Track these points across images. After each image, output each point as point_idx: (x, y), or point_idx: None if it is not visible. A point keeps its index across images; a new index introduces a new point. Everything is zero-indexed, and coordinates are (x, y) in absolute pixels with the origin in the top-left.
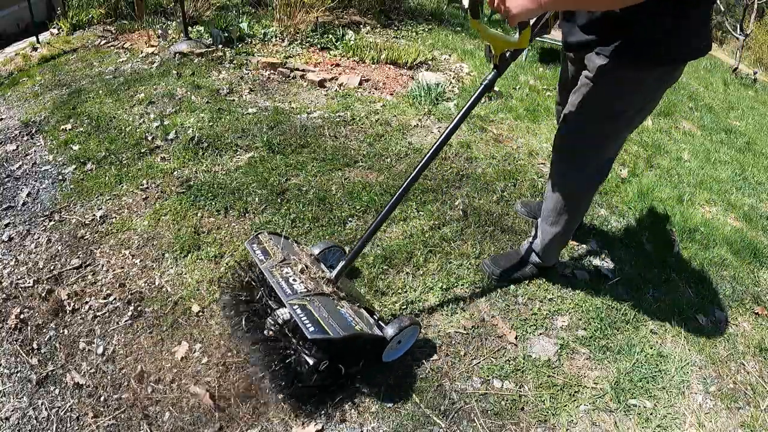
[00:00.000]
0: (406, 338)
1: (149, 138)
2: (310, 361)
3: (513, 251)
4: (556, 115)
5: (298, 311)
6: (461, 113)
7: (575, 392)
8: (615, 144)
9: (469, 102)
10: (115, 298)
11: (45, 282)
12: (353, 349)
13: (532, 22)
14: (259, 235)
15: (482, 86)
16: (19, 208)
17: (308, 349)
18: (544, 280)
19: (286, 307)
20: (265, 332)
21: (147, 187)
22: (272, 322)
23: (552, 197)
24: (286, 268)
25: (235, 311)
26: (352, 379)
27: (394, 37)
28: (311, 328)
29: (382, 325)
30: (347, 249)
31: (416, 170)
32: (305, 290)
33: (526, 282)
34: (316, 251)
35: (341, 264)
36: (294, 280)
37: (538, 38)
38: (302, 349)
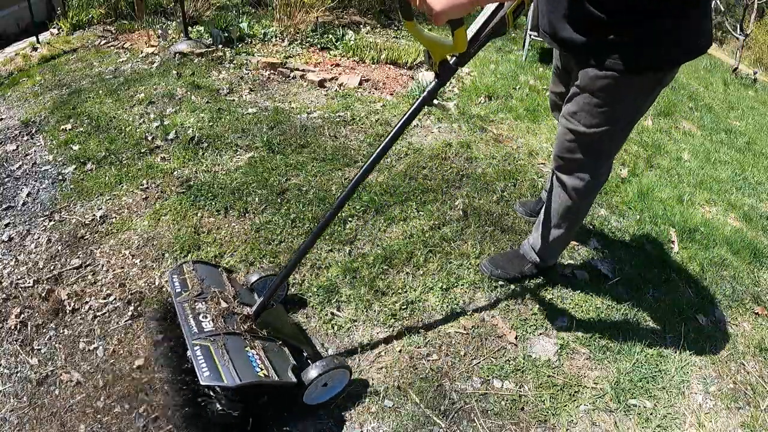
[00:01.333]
0: (335, 381)
1: (149, 138)
2: (218, 407)
3: (512, 251)
4: (550, 104)
5: (198, 353)
6: (396, 128)
7: (575, 392)
8: (614, 146)
9: (406, 116)
10: (115, 298)
11: (45, 282)
12: (262, 392)
13: (477, 26)
14: (183, 265)
15: (421, 98)
16: (19, 208)
17: (217, 395)
18: (544, 280)
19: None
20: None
21: (147, 187)
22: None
23: (554, 199)
24: (200, 303)
25: (160, 340)
26: (267, 422)
27: (394, 37)
28: (206, 373)
29: (309, 364)
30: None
31: (345, 191)
32: (213, 329)
33: (526, 282)
34: (253, 279)
35: (259, 301)
36: (204, 316)
37: (538, 38)
38: (213, 394)
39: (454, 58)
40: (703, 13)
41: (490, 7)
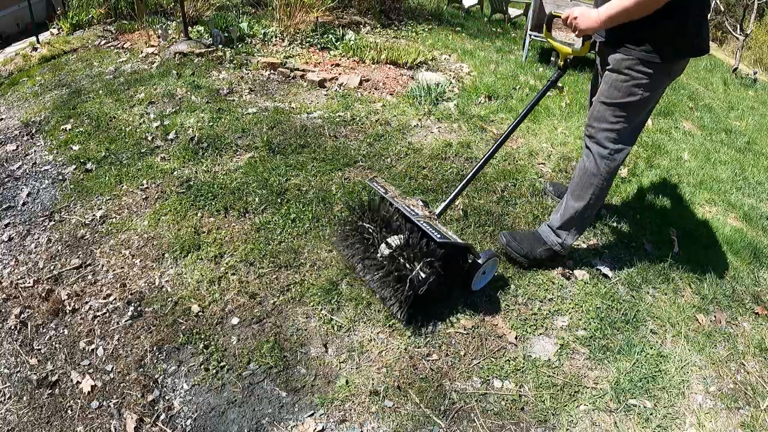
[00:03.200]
0: (489, 269)
1: (149, 138)
2: (423, 275)
3: (530, 231)
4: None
5: (425, 225)
6: (529, 105)
7: (575, 392)
8: (630, 126)
9: (537, 95)
10: (115, 298)
11: (45, 282)
12: (456, 265)
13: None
14: (376, 178)
15: (549, 82)
16: (19, 208)
17: (423, 260)
18: (544, 280)
19: (401, 232)
20: (380, 257)
21: (147, 187)
22: (386, 247)
23: (578, 173)
24: (406, 200)
25: (350, 243)
26: (449, 293)
27: (394, 37)
28: (438, 236)
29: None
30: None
31: (489, 152)
32: (425, 215)
33: (526, 282)
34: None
35: (444, 203)
36: (414, 206)
37: (538, 38)
38: (417, 264)
39: (570, 58)
40: (701, 16)
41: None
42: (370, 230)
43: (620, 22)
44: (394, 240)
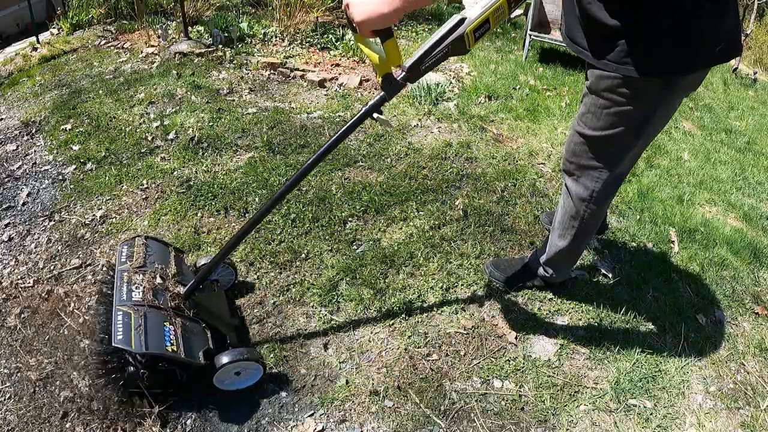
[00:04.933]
0: (248, 373)
1: (149, 138)
2: (130, 369)
3: (518, 259)
4: None
5: (118, 318)
6: (333, 139)
7: (575, 392)
8: (621, 156)
9: (346, 127)
10: None
11: (45, 282)
12: (172, 366)
13: (433, 40)
14: (136, 239)
15: (363, 110)
16: (19, 208)
17: (133, 359)
18: None
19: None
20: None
21: (147, 187)
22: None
23: (559, 210)
24: (139, 275)
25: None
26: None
27: None
28: (119, 336)
29: (227, 349)
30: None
31: (282, 191)
32: (140, 300)
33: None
34: (201, 262)
35: (191, 282)
36: (137, 287)
37: (538, 38)
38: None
39: (403, 73)
40: (706, 16)
41: (446, 25)
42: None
43: (424, 5)
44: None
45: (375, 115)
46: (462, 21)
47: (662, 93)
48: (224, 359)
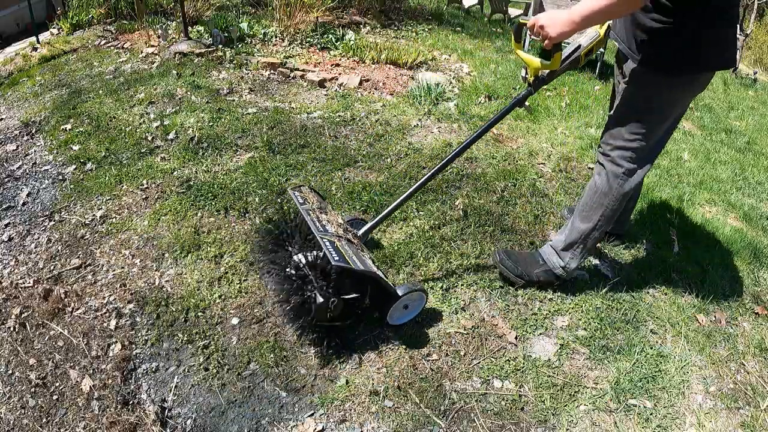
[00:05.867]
0: (414, 304)
1: (149, 138)
2: (320, 299)
3: (528, 252)
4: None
5: (327, 243)
6: (488, 124)
7: (575, 392)
8: (648, 144)
9: (499, 113)
10: (115, 298)
11: (45, 282)
12: (364, 293)
13: (565, 54)
14: (302, 187)
15: (514, 100)
16: (19, 208)
17: (323, 285)
18: None
19: (303, 251)
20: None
21: (147, 187)
22: (293, 265)
23: (587, 192)
24: (322, 214)
25: (264, 258)
26: (358, 322)
27: (394, 37)
28: (335, 257)
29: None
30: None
31: (433, 170)
32: (335, 232)
33: None
34: (347, 218)
35: (369, 224)
36: (328, 222)
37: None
38: (318, 286)
39: (543, 73)
40: (725, 28)
41: (578, 39)
42: (286, 245)
43: (599, 23)
44: (301, 258)
45: (526, 103)
46: (579, 47)
47: (685, 85)
48: (402, 290)
